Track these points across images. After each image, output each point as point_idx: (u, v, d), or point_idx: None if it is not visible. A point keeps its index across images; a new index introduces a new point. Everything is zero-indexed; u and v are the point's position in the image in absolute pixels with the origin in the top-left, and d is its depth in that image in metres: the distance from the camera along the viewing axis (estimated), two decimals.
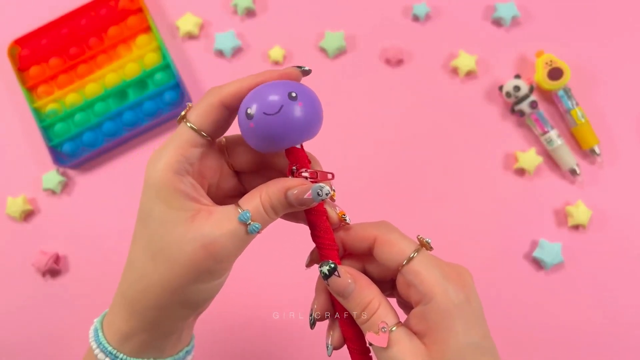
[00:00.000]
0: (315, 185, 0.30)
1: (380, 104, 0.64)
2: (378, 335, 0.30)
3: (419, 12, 0.64)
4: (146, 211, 0.30)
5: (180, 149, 0.30)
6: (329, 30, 0.64)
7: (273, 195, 0.30)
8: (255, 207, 0.30)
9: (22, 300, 0.62)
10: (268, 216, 0.30)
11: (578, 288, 0.59)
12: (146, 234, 0.30)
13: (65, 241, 0.63)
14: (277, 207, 0.30)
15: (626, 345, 0.57)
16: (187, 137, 0.30)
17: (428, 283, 0.29)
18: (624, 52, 0.63)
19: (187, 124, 0.31)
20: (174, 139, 0.31)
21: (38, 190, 0.64)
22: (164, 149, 0.30)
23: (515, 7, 0.63)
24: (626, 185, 0.60)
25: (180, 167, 0.30)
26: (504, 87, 0.61)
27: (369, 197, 0.61)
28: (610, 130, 0.61)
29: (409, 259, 0.30)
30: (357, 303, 0.31)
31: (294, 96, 0.28)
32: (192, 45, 0.66)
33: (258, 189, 0.31)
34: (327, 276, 0.31)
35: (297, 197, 0.30)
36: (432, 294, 0.29)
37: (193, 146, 0.30)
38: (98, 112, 0.64)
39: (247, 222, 0.29)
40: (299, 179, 0.31)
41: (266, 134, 0.29)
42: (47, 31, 0.66)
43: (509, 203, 0.61)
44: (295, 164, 0.31)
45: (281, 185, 0.30)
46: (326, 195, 0.30)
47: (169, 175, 0.30)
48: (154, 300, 0.30)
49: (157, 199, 0.30)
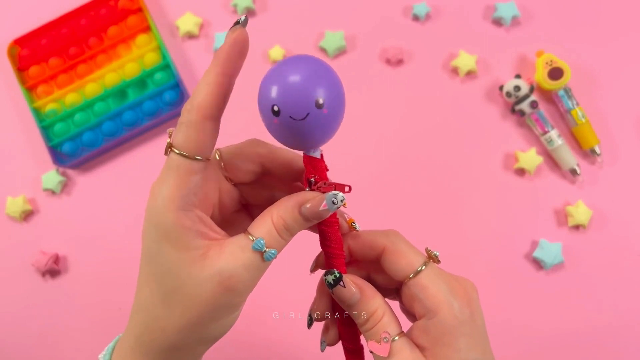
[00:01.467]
0: (328, 194, 0.29)
1: (380, 104, 0.64)
2: (380, 344, 0.30)
3: (419, 12, 0.64)
4: (153, 253, 0.29)
5: (179, 180, 0.28)
6: (329, 30, 0.64)
7: (286, 215, 0.29)
8: (268, 231, 0.28)
9: (22, 300, 0.62)
10: (283, 239, 0.29)
11: (578, 288, 0.59)
12: (156, 275, 0.29)
13: (65, 241, 0.63)
14: (292, 227, 0.29)
15: (626, 345, 0.57)
16: (182, 166, 0.28)
17: (434, 298, 0.29)
18: (625, 52, 0.63)
19: (177, 152, 0.28)
20: (169, 171, 0.28)
21: (38, 190, 0.64)
22: (162, 184, 0.28)
23: (515, 7, 0.63)
24: (626, 185, 0.60)
25: (184, 201, 0.28)
26: (504, 87, 0.61)
27: (369, 197, 0.61)
28: (610, 130, 0.61)
29: (416, 272, 0.30)
30: (362, 312, 0.31)
31: (320, 103, 0.27)
32: (192, 45, 0.66)
33: (268, 212, 0.29)
34: (332, 286, 0.31)
35: (313, 211, 0.29)
36: (438, 310, 0.29)
37: (191, 174, 0.28)
38: (98, 112, 0.64)
39: (262, 250, 0.28)
40: (310, 192, 0.30)
41: (290, 134, 0.28)
42: (47, 31, 0.66)
43: (509, 203, 0.61)
44: (314, 174, 0.30)
45: (294, 202, 0.29)
46: (341, 202, 0.29)
47: (175, 214, 0.28)
48: (171, 342, 0.29)
49: (164, 240, 0.28)
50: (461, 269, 0.35)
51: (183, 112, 0.28)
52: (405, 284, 0.31)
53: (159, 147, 0.64)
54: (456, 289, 0.30)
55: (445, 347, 0.29)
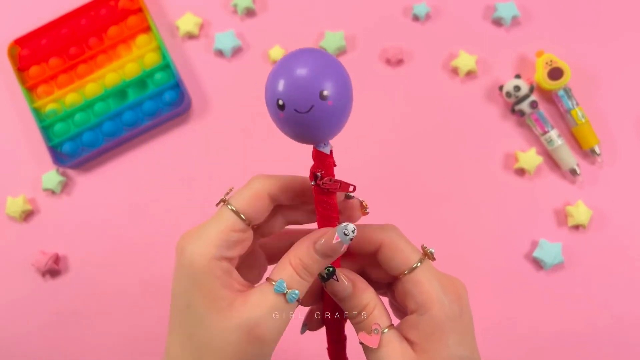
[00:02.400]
0: (339, 227, 0.30)
1: (380, 104, 0.64)
2: (370, 336, 0.30)
3: (419, 12, 0.64)
4: (184, 303, 0.29)
5: (222, 233, 0.29)
6: (329, 30, 0.64)
7: (302, 255, 0.30)
8: (289, 275, 0.29)
9: (22, 300, 0.62)
10: (304, 279, 0.30)
11: (578, 288, 0.59)
12: (185, 328, 0.30)
13: (65, 241, 0.63)
14: (310, 266, 0.30)
15: (626, 345, 0.57)
16: (230, 221, 0.30)
17: (427, 295, 0.30)
18: (625, 52, 0.63)
19: (229, 208, 0.30)
20: (216, 221, 0.30)
21: (38, 190, 0.64)
22: (203, 231, 0.30)
23: (515, 7, 0.63)
24: (626, 185, 0.60)
25: (220, 252, 0.29)
26: (504, 87, 0.61)
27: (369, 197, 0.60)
28: (610, 130, 0.61)
29: (411, 269, 0.31)
30: (354, 305, 0.31)
31: (325, 95, 0.27)
32: (192, 45, 0.66)
33: (286, 257, 0.30)
34: (325, 279, 0.31)
35: (327, 245, 0.30)
36: (430, 306, 0.30)
37: (234, 230, 0.30)
38: (98, 112, 0.64)
39: (284, 292, 0.29)
40: (321, 230, 0.30)
41: (296, 128, 0.28)
42: (47, 31, 0.66)
43: (509, 203, 0.61)
44: (321, 169, 0.30)
45: (308, 242, 0.30)
46: (353, 233, 0.30)
47: (210, 262, 0.29)
48: None
49: (195, 288, 0.29)
50: (461, 268, 0.35)
51: (252, 180, 0.31)
52: (399, 279, 0.31)
53: (159, 147, 0.64)
54: (447, 287, 0.31)
55: (435, 343, 0.29)
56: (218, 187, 0.61)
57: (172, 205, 0.63)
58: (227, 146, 0.63)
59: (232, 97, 0.64)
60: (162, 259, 0.61)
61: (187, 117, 0.65)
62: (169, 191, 0.63)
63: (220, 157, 0.64)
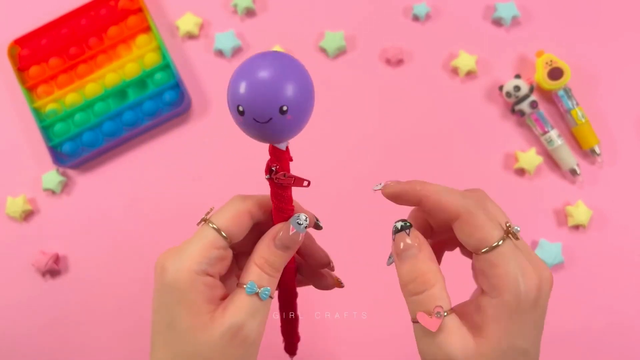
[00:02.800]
0: (292, 218, 0.32)
1: (380, 104, 0.64)
2: (430, 317, 0.29)
3: (419, 12, 0.64)
4: (168, 318, 0.30)
5: (204, 250, 0.30)
6: (329, 30, 0.64)
7: (264, 253, 0.31)
8: (257, 274, 0.31)
9: (22, 300, 0.62)
10: (271, 275, 0.31)
11: (578, 288, 0.59)
12: (171, 342, 0.30)
13: (65, 241, 0.63)
14: (274, 261, 0.31)
15: (626, 346, 0.57)
16: (211, 238, 0.31)
17: (502, 279, 0.28)
18: (625, 52, 0.63)
19: (211, 226, 0.31)
20: (197, 239, 0.31)
21: (38, 190, 0.64)
22: (184, 249, 0.31)
23: (515, 7, 0.63)
24: (626, 185, 0.60)
25: (201, 268, 0.30)
26: (504, 87, 0.61)
27: (369, 197, 0.60)
28: (610, 130, 0.61)
29: (491, 248, 0.28)
30: (412, 270, 0.30)
31: (284, 110, 0.27)
32: (192, 45, 0.66)
33: (250, 259, 0.32)
34: (398, 231, 0.30)
35: (285, 237, 0.31)
36: (502, 291, 0.28)
37: (215, 247, 0.31)
38: (98, 112, 0.64)
39: (256, 292, 0.30)
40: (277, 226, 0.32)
41: (253, 132, 0.28)
42: (47, 31, 0.66)
43: (509, 203, 0.60)
44: (276, 164, 0.31)
45: (267, 239, 0.32)
46: (306, 221, 0.31)
47: (193, 278, 0.30)
48: None
49: (179, 304, 0.30)
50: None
51: (232, 200, 0.33)
52: (475, 256, 0.29)
53: (159, 147, 0.64)
54: (529, 274, 0.28)
55: (499, 331, 0.28)
56: (218, 187, 0.61)
57: (172, 205, 0.63)
58: (227, 146, 0.63)
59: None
60: None
61: (187, 117, 0.65)
62: (169, 191, 0.63)
63: (220, 157, 0.64)
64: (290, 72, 0.27)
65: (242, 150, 0.64)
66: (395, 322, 0.57)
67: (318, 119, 0.56)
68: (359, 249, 0.58)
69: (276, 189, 0.32)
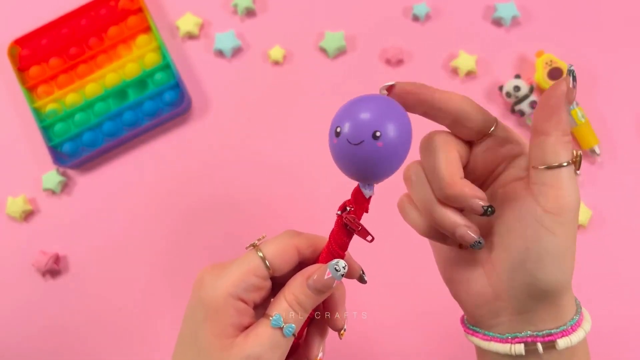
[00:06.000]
0: (330, 263, 0.31)
1: None
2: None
3: (419, 12, 0.64)
4: (193, 330, 0.31)
5: (245, 275, 0.31)
6: (329, 30, 0.64)
7: (296, 291, 0.31)
8: (284, 309, 0.31)
9: (22, 300, 0.62)
10: (298, 314, 0.31)
11: (577, 288, 0.58)
12: (191, 354, 0.31)
13: (65, 241, 0.63)
14: (304, 301, 0.31)
15: (626, 346, 0.57)
16: (255, 265, 0.31)
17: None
18: (625, 52, 0.63)
19: (258, 253, 0.31)
20: (241, 263, 0.31)
21: (38, 190, 0.64)
22: (226, 270, 0.31)
23: (515, 7, 0.63)
24: (626, 185, 0.60)
25: (237, 292, 0.31)
26: (504, 87, 0.61)
27: None
28: (610, 130, 0.61)
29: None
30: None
31: (377, 135, 0.28)
32: (192, 45, 0.66)
33: (281, 292, 0.32)
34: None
35: (319, 281, 0.31)
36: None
37: (256, 275, 0.31)
38: (98, 112, 0.64)
39: (281, 326, 0.30)
40: (314, 266, 0.32)
41: (344, 157, 0.29)
42: (47, 31, 0.66)
43: None
44: (353, 206, 0.32)
45: (301, 278, 0.31)
46: (344, 269, 0.31)
47: (226, 300, 0.30)
48: None
49: (206, 321, 0.30)
50: None
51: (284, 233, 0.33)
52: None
53: (159, 147, 0.64)
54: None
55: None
56: (218, 187, 0.61)
57: (172, 205, 0.63)
58: (227, 146, 0.64)
59: (232, 97, 0.64)
60: (163, 259, 0.61)
61: (187, 117, 0.65)
62: (169, 191, 0.63)
63: (220, 157, 0.64)
64: (392, 110, 0.30)
65: (242, 150, 0.64)
66: (396, 322, 0.58)
67: (318, 119, 0.56)
68: (359, 249, 0.58)
69: (339, 228, 0.32)
